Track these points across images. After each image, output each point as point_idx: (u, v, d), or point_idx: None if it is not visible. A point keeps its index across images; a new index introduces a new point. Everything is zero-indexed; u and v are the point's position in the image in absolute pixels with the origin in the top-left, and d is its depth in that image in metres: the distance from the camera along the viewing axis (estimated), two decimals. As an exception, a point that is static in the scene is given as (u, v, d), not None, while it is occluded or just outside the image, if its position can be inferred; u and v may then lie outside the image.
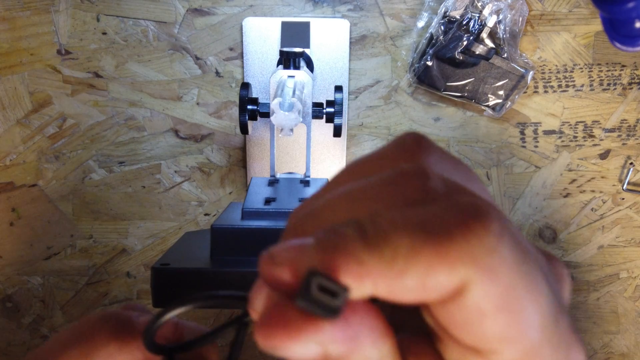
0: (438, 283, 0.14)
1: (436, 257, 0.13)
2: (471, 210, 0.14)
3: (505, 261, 0.14)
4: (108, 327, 0.22)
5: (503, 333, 0.14)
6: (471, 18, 0.58)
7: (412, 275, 0.14)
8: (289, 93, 0.49)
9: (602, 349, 0.69)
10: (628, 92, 0.63)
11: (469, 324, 0.14)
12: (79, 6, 0.60)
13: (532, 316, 0.14)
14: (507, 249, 0.14)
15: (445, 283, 0.14)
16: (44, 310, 0.67)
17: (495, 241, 0.13)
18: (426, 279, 0.14)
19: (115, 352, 0.22)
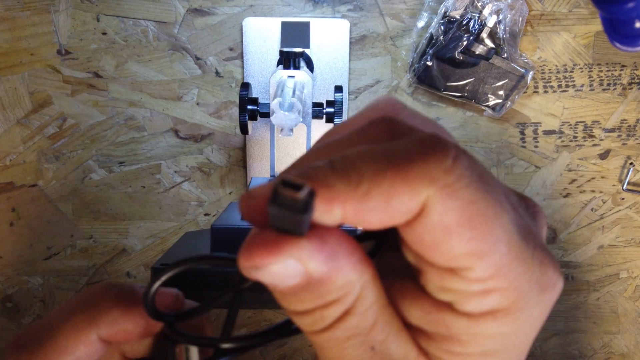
0: (401, 203, 0.15)
1: (397, 179, 0.15)
2: (431, 139, 0.15)
3: (462, 179, 0.15)
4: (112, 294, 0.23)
5: (471, 247, 0.15)
6: (471, 18, 0.58)
7: (376, 196, 0.15)
8: (289, 93, 0.49)
9: (602, 349, 0.69)
10: (628, 92, 0.63)
11: (437, 242, 0.15)
12: (79, 6, 0.60)
13: (497, 231, 0.15)
14: (465, 168, 0.15)
15: (407, 203, 0.15)
16: (44, 311, 0.67)
17: (451, 162, 0.15)
18: (390, 200, 0.15)
19: (120, 317, 0.22)
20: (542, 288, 0.16)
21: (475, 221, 0.15)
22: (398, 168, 0.15)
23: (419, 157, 0.15)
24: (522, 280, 0.15)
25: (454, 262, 0.15)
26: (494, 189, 0.15)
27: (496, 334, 0.16)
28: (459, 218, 0.15)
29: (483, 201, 0.15)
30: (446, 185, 0.15)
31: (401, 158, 0.15)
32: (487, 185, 0.15)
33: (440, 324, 0.17)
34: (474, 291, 0.15)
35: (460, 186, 0.15)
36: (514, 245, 0.15)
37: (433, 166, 0.15)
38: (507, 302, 0.16)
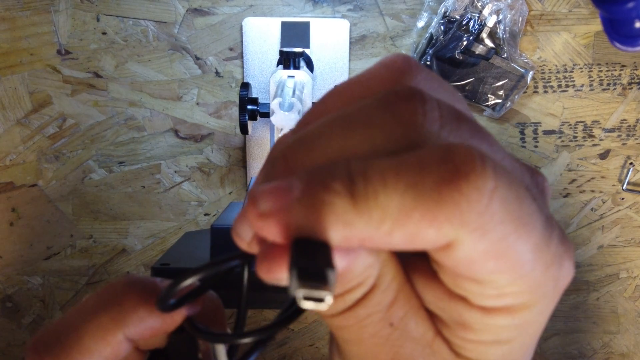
0: (425, 240, 0.14)
1: (425, 220, 0.13)
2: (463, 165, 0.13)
3: (496, 217, 0.13)
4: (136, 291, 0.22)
5: (495, 270, 0.14)
6: (471, 18, 0.58)
7: (399, 235, 0.14)
8: (289, 93, 0.49)
9: (602, 349, 0.69)
10: (628, 92, 0.63)
11: (460, 267, 0.14)
12: (78, 6, 0.60)
13: (523, 251, 0.14)
14: (500, 203, 0.13)
15: (433, 240, 0.14)
16: (43, 311, 0.67)
17: (486, 201, 0.13)
18: (414, 238, 0.14)
19: (146, 316, 0.21)
20: (558, 281, 0.15)
21: (502, 253, 0.14)
22: (426, 208, 0.13)
23: (449, 194, 0.13)
24: (541, 280, 0.15)
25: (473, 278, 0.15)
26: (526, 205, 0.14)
27: (510, 325, 0.16)
28: (486, 253, 0.14)
29: (514, 233, 0.14)
30: (478, 228, 0.13)
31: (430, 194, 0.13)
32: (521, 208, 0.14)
33: (453, 311, 0.16)
34: (490, 294, 0.15)
35: (493, 225, 0.13)
36: (538, 254, 0.15)
37: (465, 209, 0.13)
38: (523, 300, 0.15)
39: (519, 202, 0.14)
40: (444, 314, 0.17)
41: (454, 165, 0.13)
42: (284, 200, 0.14)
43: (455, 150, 0.14)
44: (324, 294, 0.13)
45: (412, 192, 0.13)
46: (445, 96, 0.17)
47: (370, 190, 0.13)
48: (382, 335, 0.16)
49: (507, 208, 0.13)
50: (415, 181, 0.13)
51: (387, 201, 0.13)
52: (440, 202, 0.13)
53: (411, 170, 0.14)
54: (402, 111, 0.15)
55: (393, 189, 0.13)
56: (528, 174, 0.17)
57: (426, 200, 0.13)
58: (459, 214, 0.13)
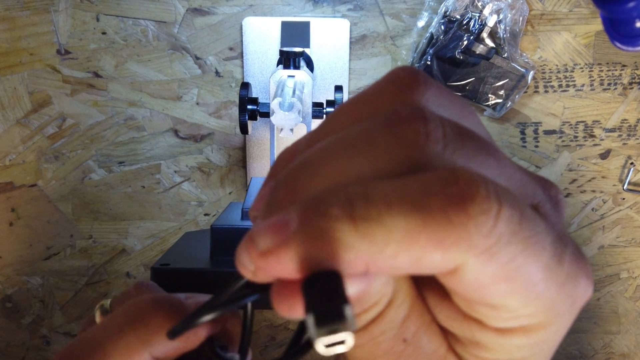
0: (432, 264, 0.13)
1: (432, 243, 0.13)
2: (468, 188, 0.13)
3: (503, 238, 0.13)
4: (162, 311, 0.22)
5: (506, 294, 0.14)
6: (471, 18, 0.58)
7: (404, 258, 0.13)
8: (289, 93, 0.49)
9: (603, 349, 0.69)
10: (628, 91, 0.63)
11: (470, 291, 0.14)
12: (78, 6, 0.60)
13: (533, 271, 0.14)
14: (507, 224, 0.13)
15: (439, 264, 0.13)
16: (43, 311, 0.67)
17: (493, 223, 0.13)
18: (419, 262, 0.13)
19: None
20: (574, 300, 0.15)
21: (512, 275, 0.14)
22: (433, 231, 0.13)
23: (458, 220, 0.13)
24: (555, 299, 0.15)
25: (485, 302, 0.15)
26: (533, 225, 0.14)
27: (525, 345, 0.15)
28: (495, 277, 0.14)
29: (523, 254, 0.14)
30: (485, 250, 0.13)
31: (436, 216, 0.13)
32: (528, 229, 0.14)
33: (466, 331, 0.16)
34: (504, 317, 0.15)
35: (500, 247, 0.13)
36: (551, 272, 0.14)
37: (472, 231, 0.13)
38: (539, 320, 0.15)
39: (525, 222, 0.14)
40: (457, 332, 0.16)
41: (459, 189, 0.13)
42: (282, 235, 0.14)
43: (460, 173, 0.13)
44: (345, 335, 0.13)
45: (418, 215, 0.13)
46: (454, 111, 0.16)
47: (373, 212, 0.13)
48: (396, 352, 0.16)
49: (513, 229, 0.13)
50: (420, 204, 0.13)
51: (392, 223, 0.13)
52: (447, 225, 0.13)
53: (416, 192, 0.13)
54: (404, 132, 0.15)
55: (398, 210, 0.13)
56: (540, 187, 0.16)
57: (432, 223, 0.13)
58: (466, 237, 0.13)
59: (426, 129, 0.15)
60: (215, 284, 0.35)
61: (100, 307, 0.28)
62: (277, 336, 0.68)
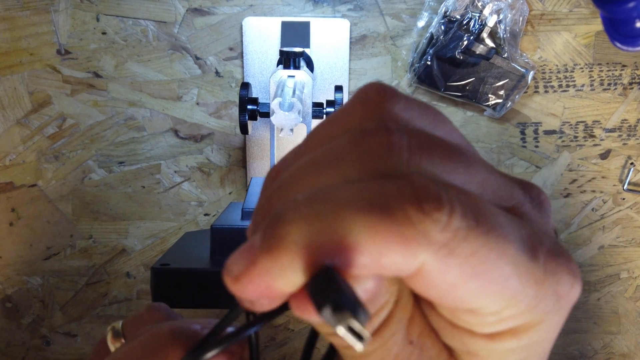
0: (393, 263, 0.13)
1: (389, 243, 0.13)
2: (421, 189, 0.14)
3: (459, 232, 0.13)
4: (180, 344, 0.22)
5: (478, 294, 0.14)
6: (471, 18, 0.58)
7: (365, 257, 0.13)
8: (289, 93, 0.49)
9: (603, 349, 0.69)
10: (629, 92, 0.62)
11: (441, 295, 0.14)
12: (78, 6, 0.60)
13: (504, 270, 0.14)
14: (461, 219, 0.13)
15: (400, 264, 0.14)
16: (43, 311, 0.67)
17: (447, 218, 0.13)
18: (379, 261, 0.13)
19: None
20: (558, 296, 0.15)
21: (478, 271, 0.14)
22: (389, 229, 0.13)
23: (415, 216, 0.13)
24: (537, 299, 0.15)
25: (463, 306, 0.15)
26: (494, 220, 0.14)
27: (517, 347, 0.16)
28: (461, 273, 0.14)
29: (484, 247, 0.14)
30: (443, 246, 0.13)
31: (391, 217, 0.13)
32: (486, 223, 0.14)
33: (457, 341, 0.16)
34: (489, 322, 0.15)
35: (458, 242, 0.13)
36: (524, 271, 0.14)
37: (429, 226, 0.13)
38: (524, 321, 0.15)
39: (483, 217, 0.14)
40: (450, 343, 0.17)
41: (413, 189, 0.14)
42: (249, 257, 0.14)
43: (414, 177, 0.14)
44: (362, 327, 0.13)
45: (376, 212, 0.13)
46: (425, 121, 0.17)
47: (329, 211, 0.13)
48: (404, 356, 0.16)
49: (469, 224, 0.14)
50: (378, 202, 0.13)
51: (350, 220, 0.13)
52: (405, 222, 0.13)
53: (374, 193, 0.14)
54: (369, 145, 0.15)
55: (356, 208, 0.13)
56: (520, 189, 0.16)
57: (390, 221, 0.13)
58: (423, 232, 0.13)
59: (389, 141, 0.15)
60: (215, 284, 0.35)
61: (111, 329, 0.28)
62: (277, 336, 0.68)
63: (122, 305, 0.67)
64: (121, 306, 0.67)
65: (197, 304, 0.36)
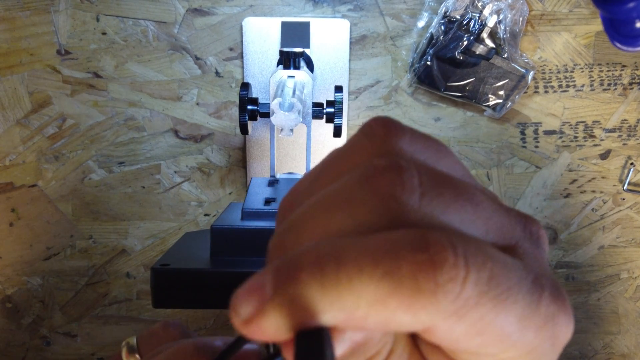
0: (402, 324, 0.14)
1: (401, 307, 0.13)
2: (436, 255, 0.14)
3: (470, 300, 0.14)
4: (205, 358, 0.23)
5: (482, 344, 0.14)
6: (471, 18, 0.58)
7: (374, 320, 0.14)
8: (289, 93, 0.49)
9: (603, 350, 0.69)
10: (629, 92, 0.63)
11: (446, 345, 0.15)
12: (78, 6, 0.60)
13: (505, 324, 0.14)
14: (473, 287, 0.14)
15: (408, 324, 0.14)
16: (43, 311, 0.67)
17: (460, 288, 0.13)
18: (389, 322, 0.14)
19: None
20: (555, 338, 0.16)
21: (484, 330, 0.14)
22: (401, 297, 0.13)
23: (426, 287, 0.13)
24: (534, 342, 0.15)
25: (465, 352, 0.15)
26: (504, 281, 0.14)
27: None
28: (466, 334, 0.14)
29: (493, 311, 0.14)
30: (453, 314, 0.14)
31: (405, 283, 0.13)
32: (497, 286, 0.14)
33: None
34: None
35: (468, 310, 0.14)
36: (526, 320, 0.15)
37: (440, 298, 0.13)
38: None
39: (495, 281, 0.14)
40: None
41: (428, 255, 0.14)
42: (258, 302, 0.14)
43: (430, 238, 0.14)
44: None
45: (388, 281, 0.13)
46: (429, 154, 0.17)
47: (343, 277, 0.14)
48: None
49: (481, 291, 0.14)
50: (391, 270, 0.13)
51: (362, 288, 0.13)
52: (416, 292, 0.13)
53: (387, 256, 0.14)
54: (380, 184, 0.15)
55: (369, 276, 0.13)
56: (521, 225, 0.17)
57: (402, 289, 0.13)
58: (434, 302, 0.13)
59: (401, 179, 0.15)
60: (215, 285, 0.35)
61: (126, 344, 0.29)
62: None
63: (122, 306, 0.67)
64: (121, 306, 0.67)
65: (197, 304, 0.36)
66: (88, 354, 0.69)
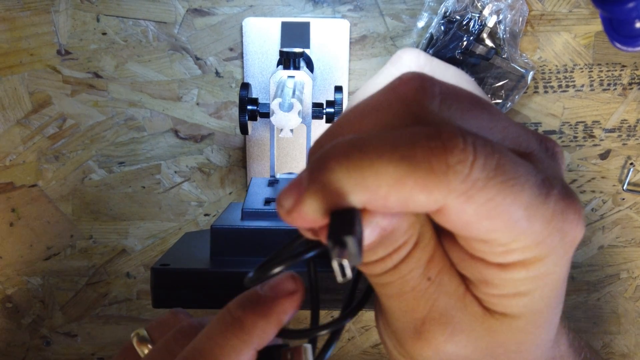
0: (419, 204, 0.16)
1: (417, 186, 0.15)
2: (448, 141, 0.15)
3: (479, 182, 0.15)
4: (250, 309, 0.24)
5: (491, 228, 0.16)
6: (471, 18, 0.58)
7: (394, 199, 0.16)
8: (288, 93, 0.49)
9: (603, 350, 0.69)
10: (628, 92, 0.63)
11: (457, 226, 0.17)
12: (78, 6, 0.60)
13: (516, 212, 0.16)
14: (481, 170, 0.15)
15: (424, 204, 0.16)
16: (43, 311, 0.67)
17: (468, 170, 0.15)
18: (408, 201, 0.16)
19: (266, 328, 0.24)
20: (564, 233, 0.17)
21: (492, 213, 0.16)
22: (418, 176, 0.15)
23: (438, 168, 0.15)
24: (543, 234, 0.16)
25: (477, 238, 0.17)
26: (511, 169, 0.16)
27: (526, 278, 0.17)
28: (476, 215, 0.16)
29: (499, 195, 0.15)
30: (463, 193, 0.15)
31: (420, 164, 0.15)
32: (504, 173, 0.16)
33: (474, 270, 0.18)
34: (499, 251, 0.17)
35: (477, 190, 0.15)
36: (533, 211, 0.16)
37: (451, 178, 0.15)
38: (532, 254, 0.17)
39: (501, 168, 0.16)
40: (468, 273, 0.19)
41: (441, 141, 0.15)
42: (297, 193, 0.16)
43: (443, 129, 0.16)
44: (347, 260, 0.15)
45: (406, 163, 0.15)
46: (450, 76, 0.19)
47: (365, 160, 0.15)
48: (421, 289, 0.19)
49: (488, 175, 0.15)
50: (408, 153, 0.15)
51: (383, 170, 0.15)
52: (430, 172, 0.15)
53: (404, 143, 0.16)
54: (405, 91, 0.17)
55: (388, 159, 0.15)
56: (536, 140, 0.18)
57: (417, 170, 0.15)
58: (446, 182, 0.15)
59: (423, 86, 0.17)
60: (215, 285, 0.35)
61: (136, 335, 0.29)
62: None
63: (122, 306, 0.67)
64: (121, 306, 0.67)
65: (197, 304, 0.36)
66: (88, 354, 0.69)
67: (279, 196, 0.17)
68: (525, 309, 0.18)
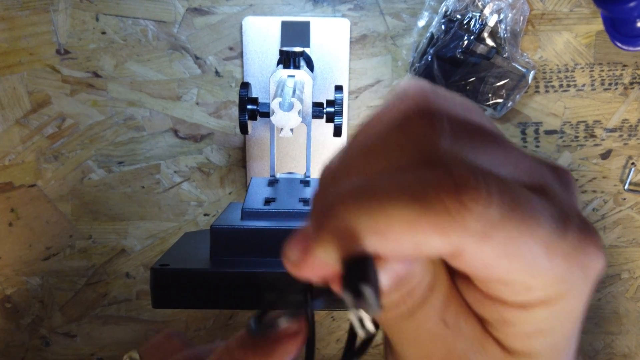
0: (433, 247, 0.15)
1: (430, 229, 0.15)
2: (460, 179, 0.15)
3: (495, 221, 0.15)
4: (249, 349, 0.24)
5: (511, 269, 0.15)
6: (472, 17, 0.57)
7: (407, 243, 0.15)
8: (289, 93, 0.49)
9: (604, 350, 0.69)
10: (629, 91, 0.62)
11: (477, 271, 0.16)
12: (78, 6, 0.60)
13: (532, 248, 0.15)
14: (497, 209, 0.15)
15: (439, 247, 0.15)
16: (43, 311, 0.67)
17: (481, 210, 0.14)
18: (422, 244, 0.15)
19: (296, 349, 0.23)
20: (585, 267, 0.16)
21: (510, 252, 0.15)
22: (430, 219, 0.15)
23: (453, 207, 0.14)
24: (564, 270, 0.16)
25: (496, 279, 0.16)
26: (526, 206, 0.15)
27: (547, 316, 0.17)
28: (494, 255, 0.15)
29: (516, 232, 0.15)
30: (479, 232, 0.15)
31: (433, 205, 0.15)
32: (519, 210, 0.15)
33: (493, 311, 0.17)
34: (519, 291, 0.16)
35: (493, 229, 0.15)
36: (553, 247, 0.15)
37: (466, 217, 0.14)
38: (553, 292, 0.16)
39: (517, 205, 0.15)
40: (486, 314, 0.18)
41: (452, 180, 0.15)
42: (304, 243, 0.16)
43: (454, 167, 0.15)
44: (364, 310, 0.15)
45: (419, 204, 0.15)
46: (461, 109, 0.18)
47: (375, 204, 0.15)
48: (437, 334, 0.18)
49: (503, 212, 0.15)
50: (419, 194, 0.15)
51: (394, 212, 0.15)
52: (443, 213, 0.14)
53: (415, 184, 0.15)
54: (414, 129, 0.17)
55: (398, 201, 0.15)
56: (549, 171, 0.18)
57: (431, 211, 0.15)
58: (461, 222, 0.14)
59: (433, 122, 0.16)
60: (215, 285, 0.35)
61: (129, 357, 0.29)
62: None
63: (121, 306, 0.67)
64: (120, 307, 0.67)
65: (197, 304, 0.36)
66: (87, 354, 0.68)
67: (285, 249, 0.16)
68: (547, 346, 0.18)
